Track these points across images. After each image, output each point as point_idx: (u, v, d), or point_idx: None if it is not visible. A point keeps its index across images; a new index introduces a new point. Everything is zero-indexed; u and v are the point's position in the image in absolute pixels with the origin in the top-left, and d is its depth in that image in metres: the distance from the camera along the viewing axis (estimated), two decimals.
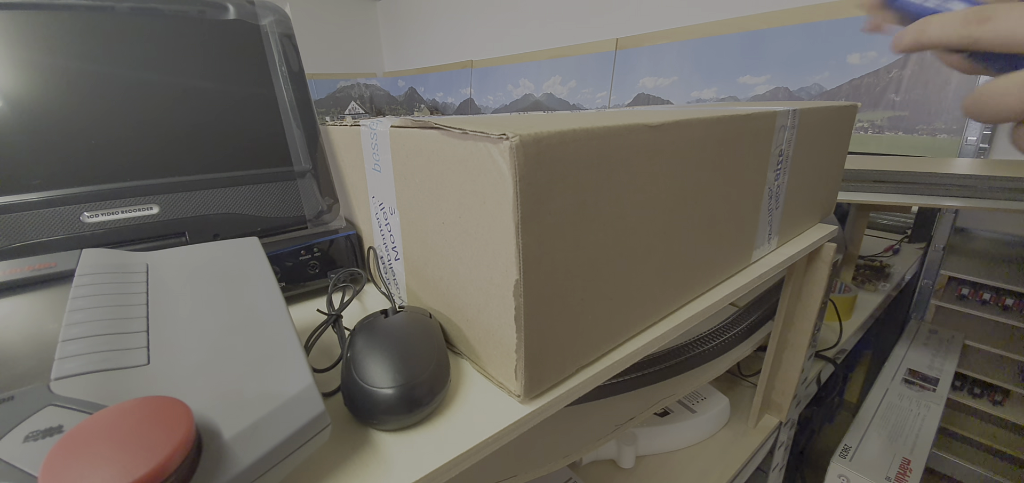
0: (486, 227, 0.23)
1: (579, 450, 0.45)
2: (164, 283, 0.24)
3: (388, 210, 0.33)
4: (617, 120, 0.25)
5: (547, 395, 0.25)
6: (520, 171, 0.20)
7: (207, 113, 0.37)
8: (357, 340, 0.25)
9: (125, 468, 0.13)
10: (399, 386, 0.22)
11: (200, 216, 0.35)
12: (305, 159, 0.40)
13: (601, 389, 0.52)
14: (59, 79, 0.32)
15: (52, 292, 0.22)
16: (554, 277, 0.24)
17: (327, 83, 2.62)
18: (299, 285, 0.37)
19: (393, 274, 0.36)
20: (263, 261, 0.27)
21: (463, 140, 0.22)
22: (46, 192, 0.31)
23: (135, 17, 0.35)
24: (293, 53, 0.41)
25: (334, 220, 0.40)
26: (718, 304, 0.36)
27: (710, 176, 0.32)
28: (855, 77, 1.19)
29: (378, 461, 0.21)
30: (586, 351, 0.27)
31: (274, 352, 0.20)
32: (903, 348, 1.02)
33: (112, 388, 0.17)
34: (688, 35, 1.48)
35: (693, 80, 1.49)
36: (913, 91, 1.11)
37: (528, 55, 1.99)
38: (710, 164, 0.32)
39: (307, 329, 0.31)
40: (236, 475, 0.16)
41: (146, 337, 0.20)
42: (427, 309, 0.30)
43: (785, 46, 1.31)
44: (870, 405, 0.84)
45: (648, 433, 0.62)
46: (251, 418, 0.17)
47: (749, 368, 0.77)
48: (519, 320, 0.23)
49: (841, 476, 0.70)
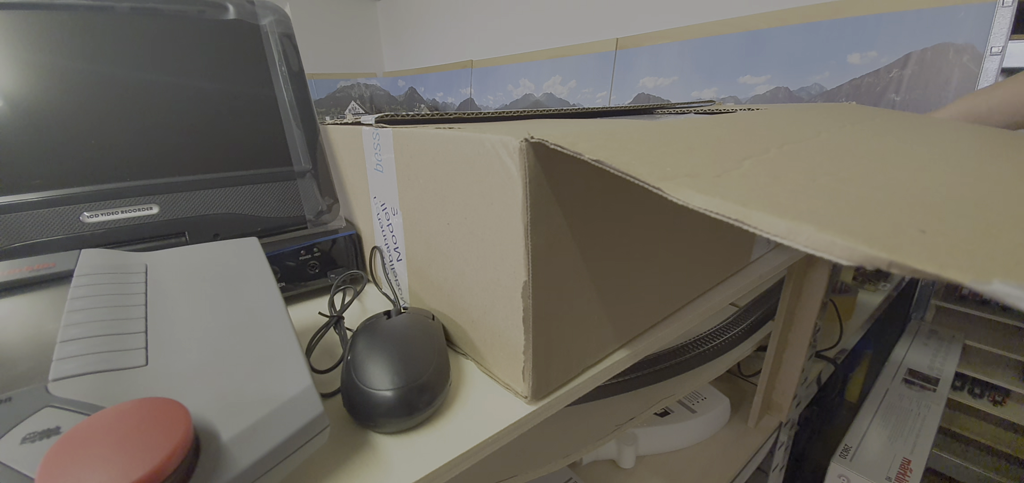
0: (493, 228, 0.22)
1: (579, 450, 0.45)
2: (163, 284, 0.24)
3: (390, 210, 0.33)
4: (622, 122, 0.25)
5: (551, 395, 0.25)
6: (530, 172, 0.20)
7: (207, 113, 0.37)
8: (358, 342, 0.25)
9: (123, 470, 0.13)
10: (398, 389, 0.22)
11: (200, 216, 0.34)
12: (305, 159, 0.40)
13: (602, 389, 0.52)
14: (59, 79, 0.32)
15: (51, 292, 0.22)
16: (562, 278, 0.23)
17: (327, 83, 2.62)
18: (299, 285, 0.37)
19: (395, 275, 0.36)
20: (263, 261, 0.27)
21: (470, 141, 0.22)
22: (46, 192, 0.30)
23: (135, 17, 0.35)
24: (293, 53, 0.41)
25: (334, 220, 0.40)
26: (718, 304, 0.36)
27: None
28: (855, 77, 1.19)
29: (378, 462, 0.21)
30: (592, 352, 0.27)
31: (273, 353, 0.20)
32: (903, 348, 1.02)
33: (110, 389, 0.17)
34: (688, 35, 1.48)
35: (693, 80, 1.49)
36: (913, 91, 1.11)
37: (528, 55, 1.99)
38: None
39: (307, 330, 0.31)
40: (234, 477, 0.15)
41: (144, 338, 0.20)
42: (430, 310, 0.30)
43: (785, 46, 1.31)
44: (870, 405, 0.84)
45: (648, 433, 0.62)
46: (249, 420, 0.17)
47: (749, 368, 0.76)
48: (527, 322, 0.22)
49: (841, 476, 0.70)
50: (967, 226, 0.13)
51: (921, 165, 0.18)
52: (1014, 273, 0.10)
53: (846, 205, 0.13)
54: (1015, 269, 0.10)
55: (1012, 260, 0.11)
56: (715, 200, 0.13)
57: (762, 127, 0.25)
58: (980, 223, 0.13)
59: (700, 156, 0.18)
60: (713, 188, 0.14)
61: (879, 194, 0.15)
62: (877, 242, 0.11)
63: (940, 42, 0.76)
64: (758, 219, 0.12)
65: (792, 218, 0.12)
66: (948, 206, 0.14)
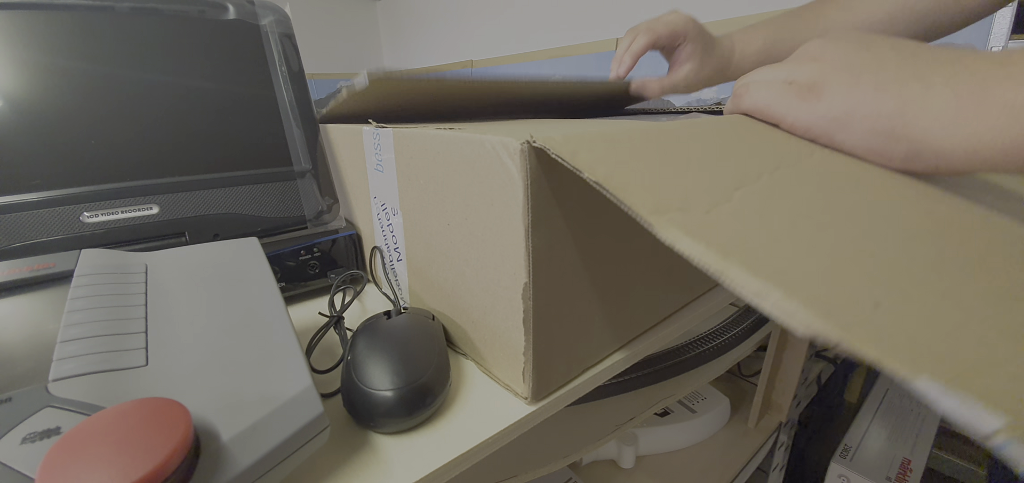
0: (494, 229, 0.22)
1: (579, 450, 0.45)
2: (163, 284, 0.24)
3: (391, 211, 0.33)
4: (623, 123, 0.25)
5: (551, 396, 0.25)
6: (531, 174, 0.20)
7: (207, 113, 0.37)
8: (358, 342, 0.25)
9: (123, 470, 0.13)
10: (398, 389, 0.22)
11: (200, 216, 0.34)
12: (305, 159, 0.40)
13: (602, 389, 0.52)
14: (59, 79, 0.32)
15: (51, 293, 0.22)
16: (562, 280, 0.23)
17: (327, 83, 2.62)
18: (299, 285, 0.37)
19: (395, 275, 0.36)
20: (263, 261, 0.27)
21: (471, 141, 0.22)
22: (46, 192, 0.30)
23: (135, 17, 0.35)
24: (293, 53, 0.41)
25: (334, 220, 0.40)
26: (718, 304, 0.36)
27: None
28: None
29: (378, 462, 0.21)
30: (592, 352, 0.27)
31: (273, 353, 0.20)
32: None
33: (110, 389, 0.17)
34: None
35: None
36: None
37: (528, 55, 1.99)
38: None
39: (307, 330, 0.31)
40: (234, 477, 0.15)
41: (145, 338, 0.20)
42: (430, 310, 0.30)
43: None
44: (870, 405, 0.84)
45: (648, 433, 0.62)
46: (249, 420, 0.17)
47: (749, 368, 0.76)
48: (527, 323, 0.22)
49: (841, 476, 0.70)
50: (915, 309, 0.14)
51: (885, 214, 0.20)
52: (940, 372, 0.11)
53: (816, 264, 0.14)
54: (939, 368, 0.11)
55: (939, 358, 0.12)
56: (699, 247, 0.14)
57: (760, 139, 0.25)
58: (927, 301, 0.14)
59: (695, 177, 0.18)
60: (700, 228, 0.15)
61: (849, 248, 0.16)
62: (833, 317, 0.12)
63: (940, 42, 0.76)
64: (734, 275, 0.13)
65: (764, 278, 0.13)
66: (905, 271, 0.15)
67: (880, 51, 0.24)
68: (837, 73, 0.25)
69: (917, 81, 0.22)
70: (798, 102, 0.26)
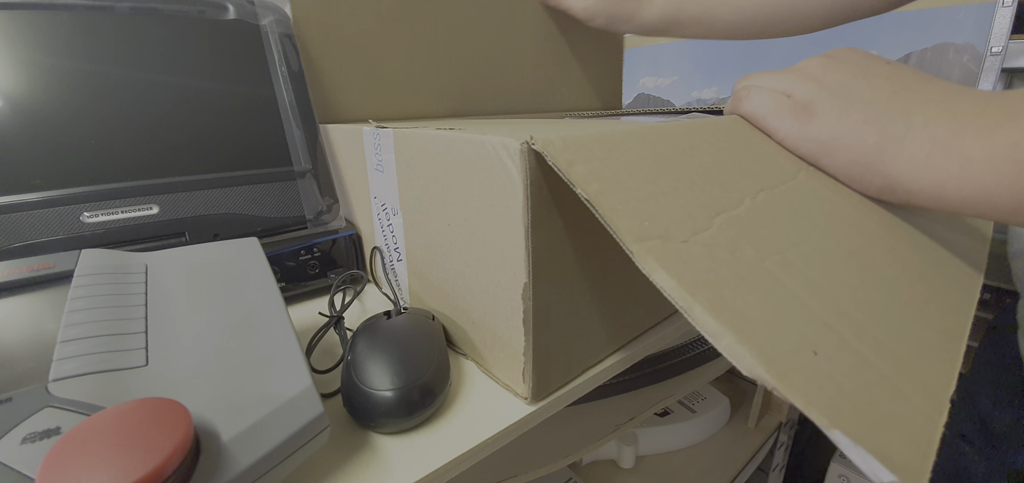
0: (494, 230, 0.22)
1: (579, 450, 0.45)
2: (163, 284, 0.24)
3: (391, 211, 0.33)
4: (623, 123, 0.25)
5: (551, 396, 0.25)
6: (531, 175, 0.20)
7: (207, 113, 0.37)
8: (358, 342, 0.25)
9: (123, 470, 0.13)
10: (398, 389, 0.22)
11: (200, 216, 0.34)
12: (305, 159, 0.40)
13: (602, 388, 0.52)
14: (59, 79, 0.32)
15: (51, 293, 0.22)
16: (562, 280, 0.23)
17: None
18: (299, 285, 0.37)
19: (395, 275, 0.36)
20: (263, 261, 0.27)
21: (471, 142, 0.22)
22: (46, 192, 0.30)
23: (135, 17, 0.35)
24: (293, 53, 0.41)
25: (334, 220, 0.40)
26: None
27: None
28: None
29: (378, 462, 0.21)
30: (592, 353, 0.27)
31: (273, 353, 0.20)
32: None
33: (110, 389, 0.17)
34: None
35: (693, 80, 1.49)
36: None
37: None
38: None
39: (307, 330, 0.31)
40: (235, 477, 0.15)
41: (145, 338, 0.20)
42: (430, 310, 0.30)
43: (786, 46, 1.30)
44: None
45: (648, 433, 0.62)
46: (250, 420, 0.17)
47: None
48: (527, 323, 0.22)
49: (841, 476, 0.70)
50: (847, 359, 0.15)
51: (848, 252, 0.21)
52: (851, 427, 0.12)
53: (772, 308, 0.15)
54: (851, 422, 0.13)
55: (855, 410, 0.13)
56: (671, 282, 0.15)
57: (750, 155, 0.25)
58: (860, 351, 0.15)
59: (683, 199, 0.19)
60: (675, 260, 0.16)
61: (805, 290, 0.17)
62: (775, 365, 0.13)
63: (940, 42, 0.76)
64: (697, 314, 0.14)
65: (723, 320, 0.14)
66: (849, 317, 0.17)
67: (876, 82, 0.25)
68: (832, 98, 0.25)
69: (902, 119, 0.23)
70: (791, 120, 0.27)
